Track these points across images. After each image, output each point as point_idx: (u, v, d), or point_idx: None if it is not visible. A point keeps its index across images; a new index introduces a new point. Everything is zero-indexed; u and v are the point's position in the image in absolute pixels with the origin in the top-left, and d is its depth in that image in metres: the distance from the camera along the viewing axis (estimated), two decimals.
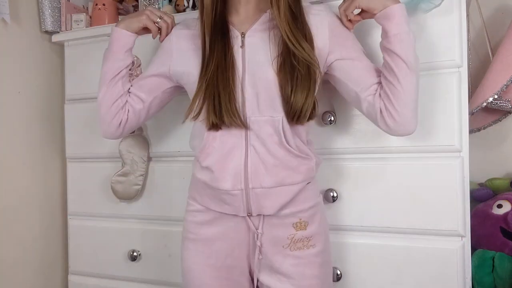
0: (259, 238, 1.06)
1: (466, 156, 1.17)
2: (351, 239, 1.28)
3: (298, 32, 1.01)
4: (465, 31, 1.18)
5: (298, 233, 1.05)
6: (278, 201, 1.04)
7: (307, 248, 1.05)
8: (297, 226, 1.06)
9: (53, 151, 1.76)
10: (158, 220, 1.55)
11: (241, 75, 1.05)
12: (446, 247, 1.18)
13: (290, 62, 1.01)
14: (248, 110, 1.04)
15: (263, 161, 1.02)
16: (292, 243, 1.05)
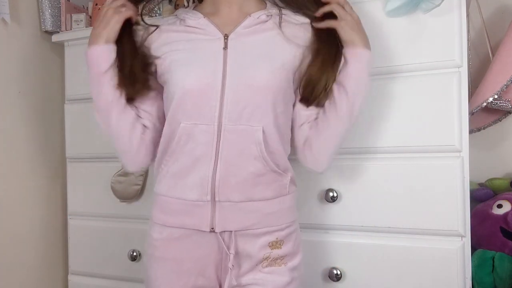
0: (231, 260, 0.97)
1: (466, 156, 1.17)
2: (351, 239, 1.28)
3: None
4: (465, 31, 1.18)
5: (273, 252, 0.99)
6: (245, 216, 0.97)
7: (279, 266, 1.00)
8: (272, 245, 0.99)
9: (53, 151, 1.76)
10: None
11: (221, 78, 0.96)
12: (446, 247, 1.18)
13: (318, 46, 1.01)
14: (224, 117, 0.95)
15: (235, 174, 0.95)
16: (265, 260, 1.00)
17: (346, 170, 1.28)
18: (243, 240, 0.99)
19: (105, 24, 1.00)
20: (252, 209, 0.98)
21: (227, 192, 0.96)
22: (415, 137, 1.21)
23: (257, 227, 0.99)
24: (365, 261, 1.26)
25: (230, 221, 0.97)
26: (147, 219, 1.56)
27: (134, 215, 1.58)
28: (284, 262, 1.00)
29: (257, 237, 0.99)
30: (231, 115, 0.95)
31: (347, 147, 1.27)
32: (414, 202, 1.21)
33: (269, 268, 1.00)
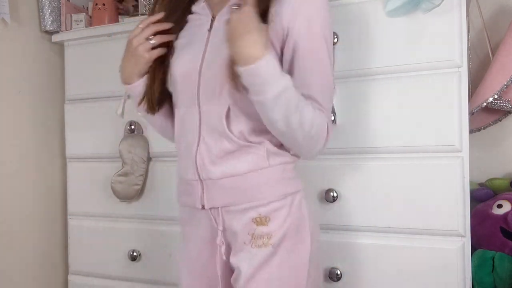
0: (219, 236, 0.99)
1: (466, 156, 1.17)
2: (351, 239, 1.28)
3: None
4: (465, 31, 1.18)
5: (258, 229, 0.96)
6: (222, 193, 0.98)
7: (266, 246, 0.96)
8: (257, 221, 0.97)
9: (53, 151, 1.76)
10: (158, 220, 1.55)
11: (200, 60, 0.97)
12: (446, 247, 1.18)
13: None
14: (201, 97, 0.97)
15: (210, 151, 0.97)
16: (253, 239, 0.96)
17: (346, 170, 1.28)
18: (229, 217, 0.99)
19: (135, 63, 1.04)
20: (231, 185, 0.97)
21: (206, 170, 0.98)
22: (415, 137, 1.21)
23: (239, 203, 0.97)
24: (365, 261, 1.26)
25: (215, 198, 0.99)
26: (147, 219, 1.57)
27: (134, 215, 1.58)
28: (272, 243, 0.96)
29: (241, 214, 0.98)
30: (206, 95, 0.97)
31: (347, 147, 1.27)
32: (414, 202, 1.21)
33: (256, 249, 0.96)
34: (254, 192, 0.98)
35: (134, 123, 1.55)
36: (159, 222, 1.54)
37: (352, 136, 1.27)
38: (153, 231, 1.55)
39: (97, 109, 1.63)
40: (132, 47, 1.03)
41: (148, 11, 1.52)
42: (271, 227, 0.96)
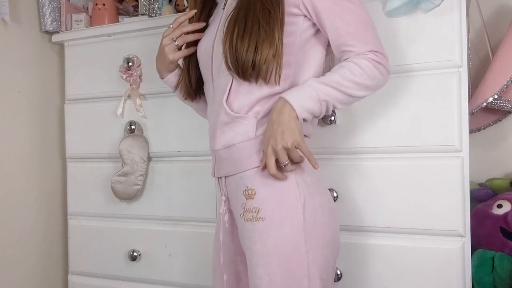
0: (222, 205, 1.05)
1: (466, 156, 1.17)
2: (351, 239, 1.28)
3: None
4: (465, 31, 1.18)
5: (248, 202, 0.97)
6: (223, 163, 1.02)
7: (256, 220, 0.95)
8: (246, 194, 0.97)
9: (53, 151, 1.76)
10: (158, 220, 1.55)
11: (214, 37, 1.04)
12: (446, 247, 1.18)
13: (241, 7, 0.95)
14: (214, 72, 1.04)
15: (216, 124, 1.02)
16: (245, 212, 0.97)
17: (346, 170, 1.28)
18: (230, 188, 1.03)
19: (162, 61, 1.15)
20: (227, 155, 1.01)
21: (213, 142, 1.04)
22: (415, 137, 1.21)
23: (233, 173, 1.00)
24: (365, 261, 1.26)
25: (219, 168, 1.04)
26: (147, 219, 1.57)
27: (134, 215, 1.58)
28: (262, 217, 0.95)
29: (237, 185, 1.00)
30: (216, 70, 1.03)
31: (347, 147, 1.27)
32: (414, 202, 1.21)
33: (248, 223, 0.96)
34: (244, 162, 0.99)
35: (134, 123, 1.55)
36: (159, 222, 1.54)
37: (352, 136, 1.27)
38: (153, 231, 1.55)
39: (97, 109, 1.63)
40: (161, 46, 1.13)
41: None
42: (258, 201, 0.96)
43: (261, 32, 0.92)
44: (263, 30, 0.92)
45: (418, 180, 1.20)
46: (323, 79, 0.94)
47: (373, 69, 0.94)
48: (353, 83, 0.93)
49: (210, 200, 1.46)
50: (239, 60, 0.93)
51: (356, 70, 0.93)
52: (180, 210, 1.51)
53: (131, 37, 1.58)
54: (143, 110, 1.55)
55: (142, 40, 1.56)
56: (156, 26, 1.53)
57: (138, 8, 1.69)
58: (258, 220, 0.95)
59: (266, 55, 0.91)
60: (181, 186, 1.50)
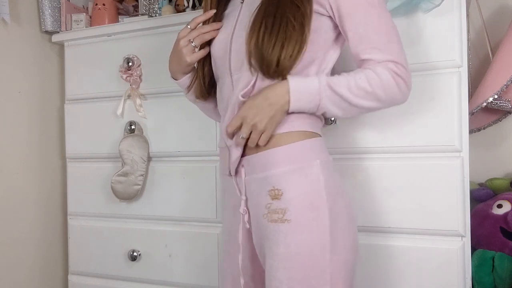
0: (242, 204, 0.98)
1: (466, 156, 1.17)
2: None
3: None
4: (465, 31, 1.18)
5: (273, 203, 0.93)
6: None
7: (282, 222, 0.92)
8: (272, 194, 0.94)
9: (53, 151, 1.76)
10: (158, 220, 1.55)
11: (232, 31, 1.01)
12: (446, 247, 1.18)
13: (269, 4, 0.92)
14: (232, 66, 1.00)
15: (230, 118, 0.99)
16: (269, 213, 0.94)
17: (346, 170, 1.28)
18: (251, 186, 0.97)
19: (178, 62, 1.09)
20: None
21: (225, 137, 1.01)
22: (415, 137, 1.21)
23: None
24: (365, 261, 1.26)
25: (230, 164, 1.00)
26: (147, 219, 1.57)
27: (134, 215, 1.58)
28: (288, 219, 0.92)
29: (260, 184, 0.95)
30: (235, 65, 0.99)
31: (347, 147, 1.27)
32: (414, 202, 1.21)
33: (273, 226, 0.92)
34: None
35: (134, 123, 1.55)
36: (159, 222, 1.54)
37: (352, 136, 1.27)
38: (153, 231, 1.55)
39: (97, 109, 1.63)
40: (177, 47, 1.07)
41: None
42: (284, 202, 0.92)
43: (289, 28, 0.89)
44: (291, 26, 0.89)
45: (418, 180, 1.20)
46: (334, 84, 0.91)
47: (390, 80, 0.91)
48: (365, 92, 0.91)
49: (210, 200, 1.46)
50: (264, 59, 0.90)
51: (373, 78, 0.90)
52: (180, 210, 1.51)
53: (131, 37, 1.58)
54: (143, 110, 1.55)
55: (142, 40, 1.56)
56: (156, 26, 1.53)
57: (138, 8, 1.68)
58: (284, 222, 0.92)
59: (291, 52, 0.89)
60: (181, 186, 1.50)
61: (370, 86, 0.91)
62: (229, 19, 1.05)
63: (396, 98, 0.94)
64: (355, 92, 0.91)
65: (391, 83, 0.91)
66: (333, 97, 0.91)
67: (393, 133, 1.23)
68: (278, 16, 0.90)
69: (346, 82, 0.91)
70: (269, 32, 0.89)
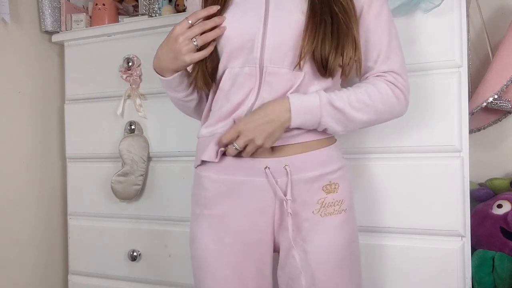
0: (288, 205, 0.94)
1: (466, 156, 1.17)
2: None
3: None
4: (465, 31, 1.18)
5: (328, 196, 0.97)
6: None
7: (339, 213, 0.97)
8: (327, 189, 0.97)
9: (53, 151, 1.76)
10: (158, 220, 1.55)
11: (263, 20, 0.95)
12: (446, 247, 1.18)
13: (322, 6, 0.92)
14: (266, 59, 0.94)
15: None
16: (322, 207, 0.96)
17: None
18: (298, 186, 0.96)
19: (173, 60, 0.99)
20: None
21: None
22: (415, 137, 1.21)
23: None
24: (365, 261, 1.26)
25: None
26: (147, 219, 1.57)
27: (134, 215, 1.58)
28: (344, 208, 0.98)
29: (311, 183, 0.97)
30: (273, 58, 0.94)
31: (347, 147, 1.27)
32: (414, 202, 1.21)
33: (329, 218, 0.96)
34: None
35: (134, 123, 1.55)
36: (159, 222, 1.54)
37: (352, 136, 1.27)
38: (153, 231, 1.55)
39: (97, 109, 1.63)
40: (175, 43, 0.96)
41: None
42: (341, 193, 0.99)
43: (343, 28, 0.91)
44: (345, 25, 0.92)
45: (418, 180, 1.20)
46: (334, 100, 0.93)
47: (388, 92, 0.95)
48: (365, 105, 0.94)
49: None
50: (328, 60, 0.91)
51: (372, 91, 0.94)
52: (180, 210, 1.51)
53: (131, 37, 1.58)
54: (143, 110, 1.55)
55: (142, 40, 1.56)
56: (156, 26, 1.53)
57: (138, 8, 1.69)
58: (341, 213, 0.98)
59: (351, 53, 0.92)
60: (181, 186, 1.50)
61: (370, 99, 0.94)
62: (246, 6, 0.98)
63: (395, 110, 0.98)
64: (355, 105, 0.94)
65: (389, 94, 0.95)
66: (333, 113, 0.93)
67: (393, 133, 1.23)
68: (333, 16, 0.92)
69: (346, 97, 0.94)
70: (329, 33, 0.91)
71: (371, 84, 0.96)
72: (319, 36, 0.90)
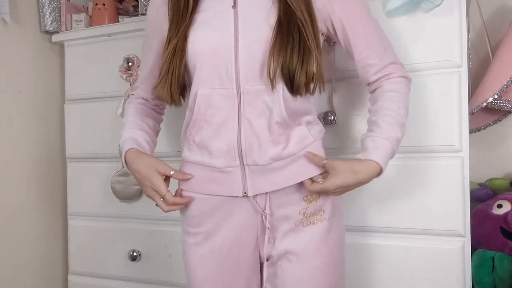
0: (267, 219, 0.97)
1: (466, 156, 1.17)
2: (351, 239, 1.27)
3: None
4: (465, 31, 1.18)
5: (310, 206, 0.97)
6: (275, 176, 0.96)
7: (321, 221, 0.97)
8: (307, 199, 0.97)
9: (53, 151, 1.76)
10: (158, 220, 1.54)
11: (233, 38, 0.93)
12: (446, 247, 1.18)
13: (289, 21, 0.91)
14: (242, 77, 0.93)
15: (258, 135, 0.94)
16: (305, 218, 0.97)
17: None
18: (278, 199, 0.98)
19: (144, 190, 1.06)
20: (281, 167, 0.96)
21: (253, 155, 0.94)
22: (415, 137, 1.20)
23: (288, 185, 0.97)
24: (365, 261, 1.26)
25: (262, 183, 0.96)
26: (147, 219, 1.57)
27: (134, 215, 1.58)
28: (327, 217, 0.98)
29: (290, 194, 0.98)
30: (250, 75, 0.93)
31: (347, 147, 1.27)
32: (414, 202, 1.21)
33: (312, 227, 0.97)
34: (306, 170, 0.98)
35: None
36: (159, 222, 1.54)
37: (352, 136, 1.27)
38: (153, 231, 1.55)
39: (97, 109, 1.63)
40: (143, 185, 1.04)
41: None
42: (322, 201, 0.98)
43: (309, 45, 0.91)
44: (309, 42, 0.92)
45: (418, 180, 1.20)
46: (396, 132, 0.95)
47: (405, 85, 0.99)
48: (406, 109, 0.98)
49: None
50: (295, 76, 0.90)
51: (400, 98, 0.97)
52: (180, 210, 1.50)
53: (131, 37, 1.58)
54: None
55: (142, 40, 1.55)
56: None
57: (138, 8, 1.68)
58: (324, 221, 0.98)
59: (313, 69, 0.91)
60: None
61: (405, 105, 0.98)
62: (217, 23, 0.96)
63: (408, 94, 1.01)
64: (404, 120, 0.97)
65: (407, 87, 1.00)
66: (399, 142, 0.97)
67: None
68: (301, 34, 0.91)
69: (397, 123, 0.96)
70: (297, 49, 0.90)
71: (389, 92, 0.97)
72: (287, 50, 0.90)
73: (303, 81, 0.91)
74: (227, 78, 0.94)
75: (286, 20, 0.92)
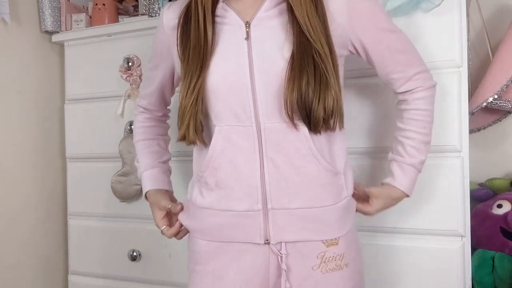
0: (283, 260, 0.88)
1: (466, 156, 1.17)
2: None
3: (317, 22, 0.85)
4: (465, 31, 1.18)
5: (329, 250, 0.89)
6: (305, 226, 0.89)
7: (341, 268, 0.90)
8: (327, 242, 0.90)
9: (53, 151, 1.76)
10: None
11: (248, 73, 0.88)
12: (446, 247, 1.18)
13: (303, 54, 0.85)
14: (262, 113, 0.87)
15: (286, 177, 0.87)
16: (323, 263, 0.89)
17: None
18: (295, 249, 0.90)
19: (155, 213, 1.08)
20: (312, 217, 0.89)
21: (280, 198, 0.88)
22: None
23: (317, 238, 0.90)
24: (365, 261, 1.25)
25: (287, 230, 0.89)
26: (147, 219, 1.56)
27: (134, 215, 1.58)
28: (346, 263, 0.91)
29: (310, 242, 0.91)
30: (267, 112, 0.87)
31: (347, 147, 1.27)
32: (414, 202, 1.20)
33: (331, 275, 0.90)
34: (337, 227, 0.92)
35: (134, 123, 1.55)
36: None
37: (352, 136, 1.27)
38: (153, 231, 1.55)
39: (97, 109, 1.64)
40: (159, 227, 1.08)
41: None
42: (342, 247, 0.91)
43: (326, 78, 0.85)
44: (328, 75, 0.85)
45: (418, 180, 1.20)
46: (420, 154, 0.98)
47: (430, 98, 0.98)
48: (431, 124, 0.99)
49: None
50: (311, 111, 0.84)
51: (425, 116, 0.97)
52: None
53: (131, 37, 1.58)
54: None
55: (142, 40, 1.56)
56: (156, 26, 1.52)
57: (138, 8, 1.68)
58: (343, 268, 0.90)
59: (332, 104, 0.84)
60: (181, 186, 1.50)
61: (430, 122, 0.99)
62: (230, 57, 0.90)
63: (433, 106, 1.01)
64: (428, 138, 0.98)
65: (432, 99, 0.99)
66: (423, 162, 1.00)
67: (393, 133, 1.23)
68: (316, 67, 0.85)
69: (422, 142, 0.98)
70: (312, 85, 0.84)
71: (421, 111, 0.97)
72: (302, 84, 0.83)
73: (321, 116, 0.84)
74: (244, 115, 0.88)
75: (301, 53, 0.85)
